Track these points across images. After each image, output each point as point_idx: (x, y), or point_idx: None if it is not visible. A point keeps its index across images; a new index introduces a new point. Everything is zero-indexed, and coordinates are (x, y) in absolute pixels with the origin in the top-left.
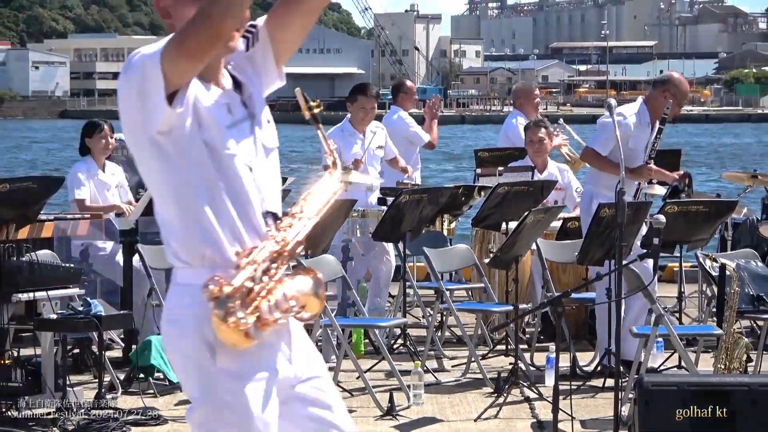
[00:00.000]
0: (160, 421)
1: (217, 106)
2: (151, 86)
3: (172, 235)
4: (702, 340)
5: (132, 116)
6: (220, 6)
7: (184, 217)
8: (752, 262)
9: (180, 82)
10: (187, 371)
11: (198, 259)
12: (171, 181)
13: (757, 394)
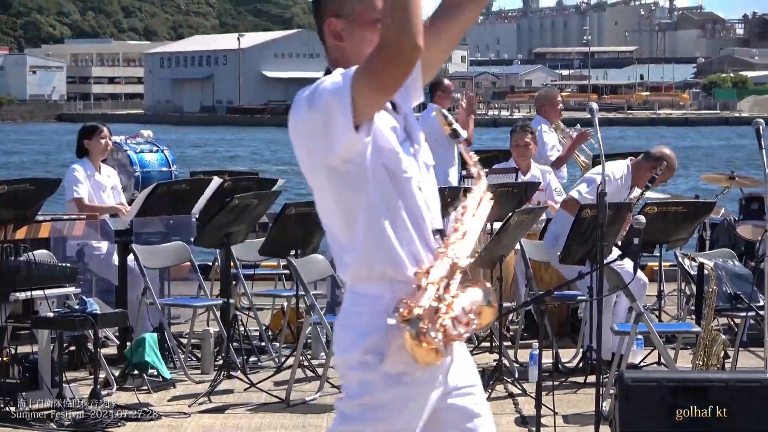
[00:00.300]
0: (154, 417)
1: (390, 129)
2: (339, 117)
3: (349, 255)
4: (681, 337)
5: (312, 146)
6: (409, 38)
7: (366, 238)
8: (730, 262)
9: (370, 113)
10: (351, 370)
11: (378, 275)
12: (352, 206)
13: (735, 390)
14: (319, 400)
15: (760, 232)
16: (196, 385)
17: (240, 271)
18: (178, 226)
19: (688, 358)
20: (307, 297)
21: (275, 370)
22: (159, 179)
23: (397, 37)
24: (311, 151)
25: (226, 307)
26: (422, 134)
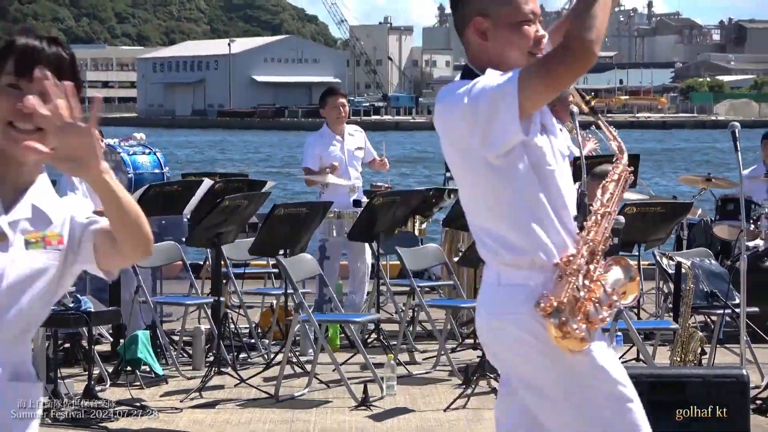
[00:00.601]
0: (146, 412)
1: (534, 124)
2: (506, 114)
3: (502, 245)
4: (659, 334)
5: (468, 141)
6: (595, 40)
7: (517, 229)
8: (706, 261)
9: (533, 109)
10: (528, 357)
11: (527, 263)
12: (504, 198)
13: (711, 385)
14: (308, 395)
15: (735, 232)
16: (188, 381)
17: (230, 270)
18: (170, 226)
19: (666, 355)
20: (296, 295)
21: (264, 367)
22: (151, 181)
23: (586, 37)
24: (466, 146)
25: (217, 305)
26: (556, 123)
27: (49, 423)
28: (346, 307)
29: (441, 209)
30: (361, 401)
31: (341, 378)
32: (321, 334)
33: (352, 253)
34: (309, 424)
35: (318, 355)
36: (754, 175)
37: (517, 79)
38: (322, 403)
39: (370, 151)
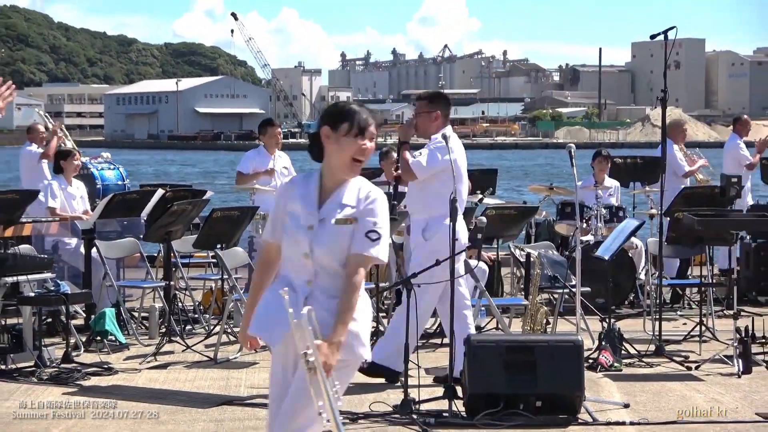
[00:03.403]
0: (112, 372)
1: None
2: None
3: None
4: (513, 309)
5: None
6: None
7: None
8: (549, 252)
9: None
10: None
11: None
12: None
13: (554, 348)
14: (240, 358)
15: (572, 229)
16: (145, 348)
17: (178, 260)
18: (131, 226)
19: (519, 325)
20: (230, 280)
21: (205, 336)
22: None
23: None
24: None
25: (168, 288)
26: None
27: (35, 382)
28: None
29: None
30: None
31: (265, 344)
32: None
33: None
34: (240, 381)
35: None
36: (586, 185)
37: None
38: (251, 364)
39: (292, 173)
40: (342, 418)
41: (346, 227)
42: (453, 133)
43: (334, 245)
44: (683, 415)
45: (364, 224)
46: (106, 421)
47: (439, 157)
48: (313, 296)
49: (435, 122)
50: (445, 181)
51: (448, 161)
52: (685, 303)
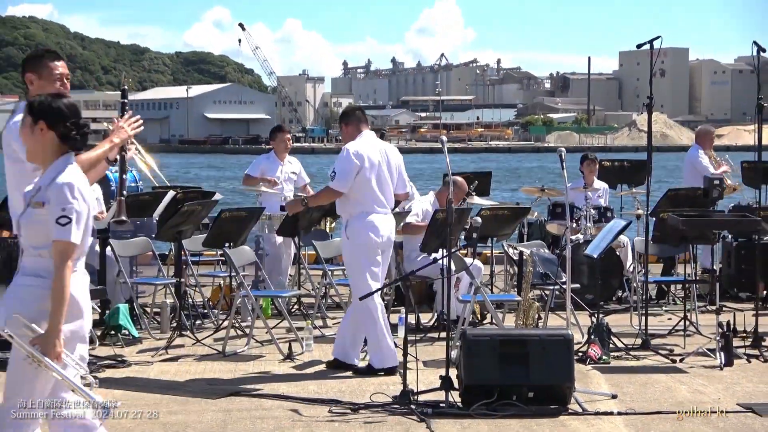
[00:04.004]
0: (125, 365)
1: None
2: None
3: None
4: (507, 305)
5: None
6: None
7: None
8: (541, 250)
9: None
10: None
11: None
12: None
13: (545, 342)
14: (246, 351)
15: (562, 228)
16: (157, 341)
17: (188, 258)
18: (143, 226)
19: (512, 319)
20: (238, 277)
21: (214, 330)
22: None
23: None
24: None
25: (179, 285)
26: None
27: None
28: (275, 285)
29: None
30: (287, 355)
31: (272, 338)
32: (256, 305)
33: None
34: (248, 373)
35: (254, 322)
36: (575, 186)
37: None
38: (257, 357)
39: (302, 178)
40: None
41: (38, 210)
42: (369, 137)
43: (30, 227)
44: (683, 415)
45: (53, 210)
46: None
47: (345, 168)
48: (19, 274)
49: (346, 135)
50: (360, 183)
51: (354, 166)
52: (670, 299)
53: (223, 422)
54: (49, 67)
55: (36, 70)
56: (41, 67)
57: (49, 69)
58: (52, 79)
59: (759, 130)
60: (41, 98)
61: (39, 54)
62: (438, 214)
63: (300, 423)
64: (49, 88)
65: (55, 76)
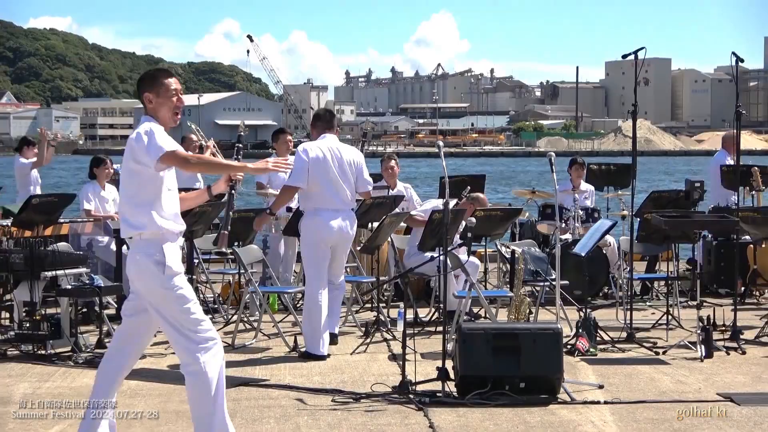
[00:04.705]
0: (140, 357)
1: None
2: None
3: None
4: (500, 300)
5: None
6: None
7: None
8: (532, 249)
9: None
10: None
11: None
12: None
13: (536, 335)
14: (255, 344)
15: (552, 228)
16: None
17: (200, 256)
18: None
19: (504, 314)
20: (246, 274)
21: (224, 324)
22: None
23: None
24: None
25: (190, 281)
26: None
27: (72, 365)
28: (281, 281)
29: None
30: (293, 348)
31: (278, 332)
32: (264, 301)
33: (285, 244)
34: (256, 364)
35: (262, 316)
36: (564, 189)
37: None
38: (265, 349)
39: None
40: (342, 397)
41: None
42: (328, 140)
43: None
44: (683, 415)
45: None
46: (135, 399)
47: (297, 166)
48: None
49: (313, 137)
50: (309, 181)
51: (304, 163)
52: (654, 295)
53: (233, 410)
54: (164, 85)
55: (152, 90)
56: (157, 86)
57: (165, 86)
58: (168, 95)
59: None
60: None
61: (153, 74)
62: (435, 214)
63: (305, 411)
64: (167, 105)
65: (171, 93)
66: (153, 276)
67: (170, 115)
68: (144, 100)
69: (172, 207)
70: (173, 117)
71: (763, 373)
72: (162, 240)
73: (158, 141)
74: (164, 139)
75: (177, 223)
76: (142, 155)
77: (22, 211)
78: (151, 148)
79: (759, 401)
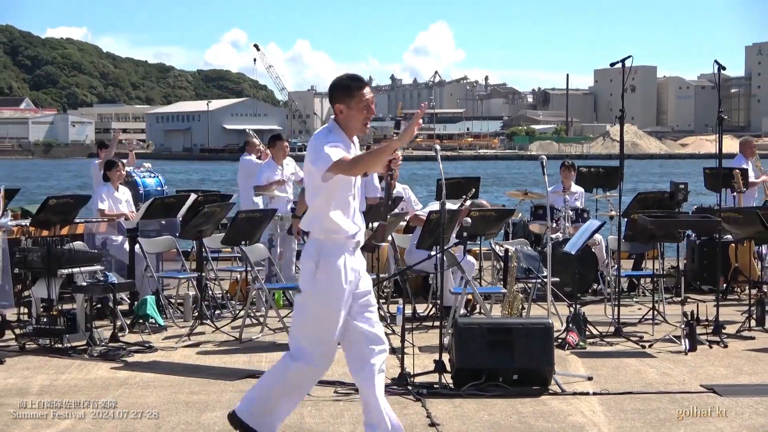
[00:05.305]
0: (152, 350)
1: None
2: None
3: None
4: (494, 296)
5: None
6: (358, 170)
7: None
8: (525, 247)
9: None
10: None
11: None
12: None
13: (529, 330)
14: (261, 338)
15: (543, 228)
16: (180, 329)
17: (209, 255)
18: (168, 226)
19: (498, 310)
20: (252, 271)
21: (232, 319)
22: (155, 195)
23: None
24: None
25: (200, 278)
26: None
27: (87, 358)
28: (286, 278)
29: None
30: None
31: (283, 326)
32: (270, 297)
33: (287, 243)
34: (262, 358)
35: (267, 311)
36: (555, 190)
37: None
38: (270, 343)
39: (298, 174)
40: (344, 389)
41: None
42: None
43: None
44: (683, 415)
45: None
46: (147, 390)
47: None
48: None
49: None
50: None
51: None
52: (640, 291)
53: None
54: (356, 97)
55: (344, 101)
56: (349, 98)
57: (357, 98)
58: (360, 107)
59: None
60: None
61: (346, 84)
62: (432, 214)
63: (308, 402)
64: (358, 117)
65: (363, 104)
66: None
67: (360, 126)
68: (335, 110)
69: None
70: (363, 128)
71: (744, 366)
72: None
73: (329, 152)
74: (334, 150)
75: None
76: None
77: (39, 211)
78: (320, 161)
79: (740, 392)
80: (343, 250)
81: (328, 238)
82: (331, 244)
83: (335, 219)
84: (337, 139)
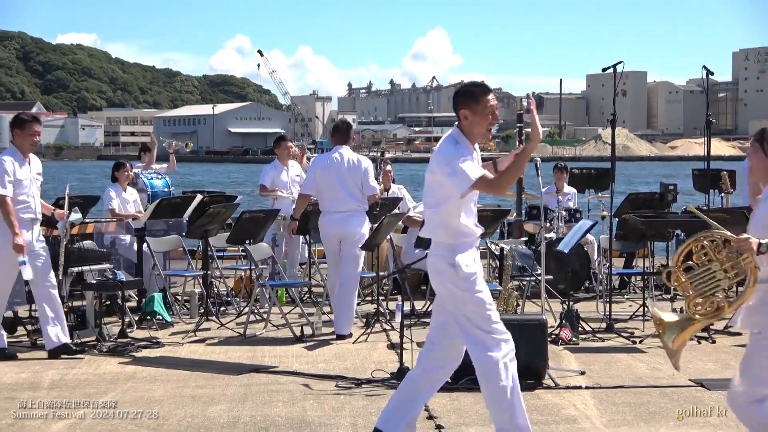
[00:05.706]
0: (159, 346)
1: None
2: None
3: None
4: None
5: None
6: (505, 186)
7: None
8: (519, 246)
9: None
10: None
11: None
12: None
13: (524, 326)
14: (264, 334)
15: (537, 228)
16: (187, 325)
17: (214, 254)
18: (175, 225)
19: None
20: (256, 270)
21: (236, 316)
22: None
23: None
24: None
25: (205, 276)
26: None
27: (96, 353)
28: (289, 276)
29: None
30: (299, 337)
31: (286, 322)
32: (273, 294)
33: (292, 242)
34: (265, 353)
35: (271, 308)
36: (549, 191)
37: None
38: (274, 339)
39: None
40: (345, 383)
41: None
42: (337, 150)
43: None
44: (683, 415)
45: None
46: (154, 384)
47: (307, 176)
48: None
49: (332, 144)
50: (319, 189)
51: (312, 175)
52: (631, 289)
53: (244, 395)
54: (482, 103)
55: (469, 107)
56: (475, 104)
57: (483, 104)
58: (485, 113)
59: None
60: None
61: (471, 90)
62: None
63: (311, 396)
64: (482, 123)
65: (488, 110)
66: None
67: (484, 132)
68: (460, 116)
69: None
70: (487, 133)
71: (731, 361)
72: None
73: (466, 170)
74: (470, 166)
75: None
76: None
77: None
78: (458, 178)
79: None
80: (472, 246)
81: (460, 242)
82: (462, 245)
83: (467, 224)
84: (465, 151)
